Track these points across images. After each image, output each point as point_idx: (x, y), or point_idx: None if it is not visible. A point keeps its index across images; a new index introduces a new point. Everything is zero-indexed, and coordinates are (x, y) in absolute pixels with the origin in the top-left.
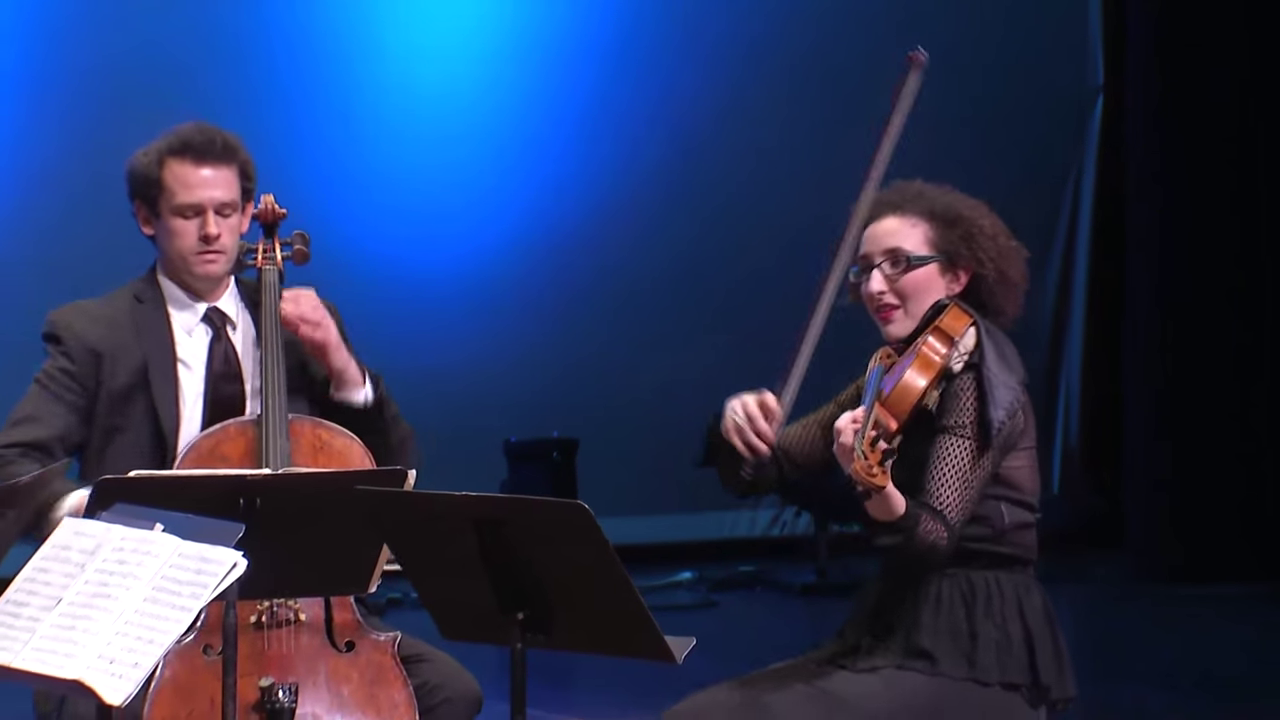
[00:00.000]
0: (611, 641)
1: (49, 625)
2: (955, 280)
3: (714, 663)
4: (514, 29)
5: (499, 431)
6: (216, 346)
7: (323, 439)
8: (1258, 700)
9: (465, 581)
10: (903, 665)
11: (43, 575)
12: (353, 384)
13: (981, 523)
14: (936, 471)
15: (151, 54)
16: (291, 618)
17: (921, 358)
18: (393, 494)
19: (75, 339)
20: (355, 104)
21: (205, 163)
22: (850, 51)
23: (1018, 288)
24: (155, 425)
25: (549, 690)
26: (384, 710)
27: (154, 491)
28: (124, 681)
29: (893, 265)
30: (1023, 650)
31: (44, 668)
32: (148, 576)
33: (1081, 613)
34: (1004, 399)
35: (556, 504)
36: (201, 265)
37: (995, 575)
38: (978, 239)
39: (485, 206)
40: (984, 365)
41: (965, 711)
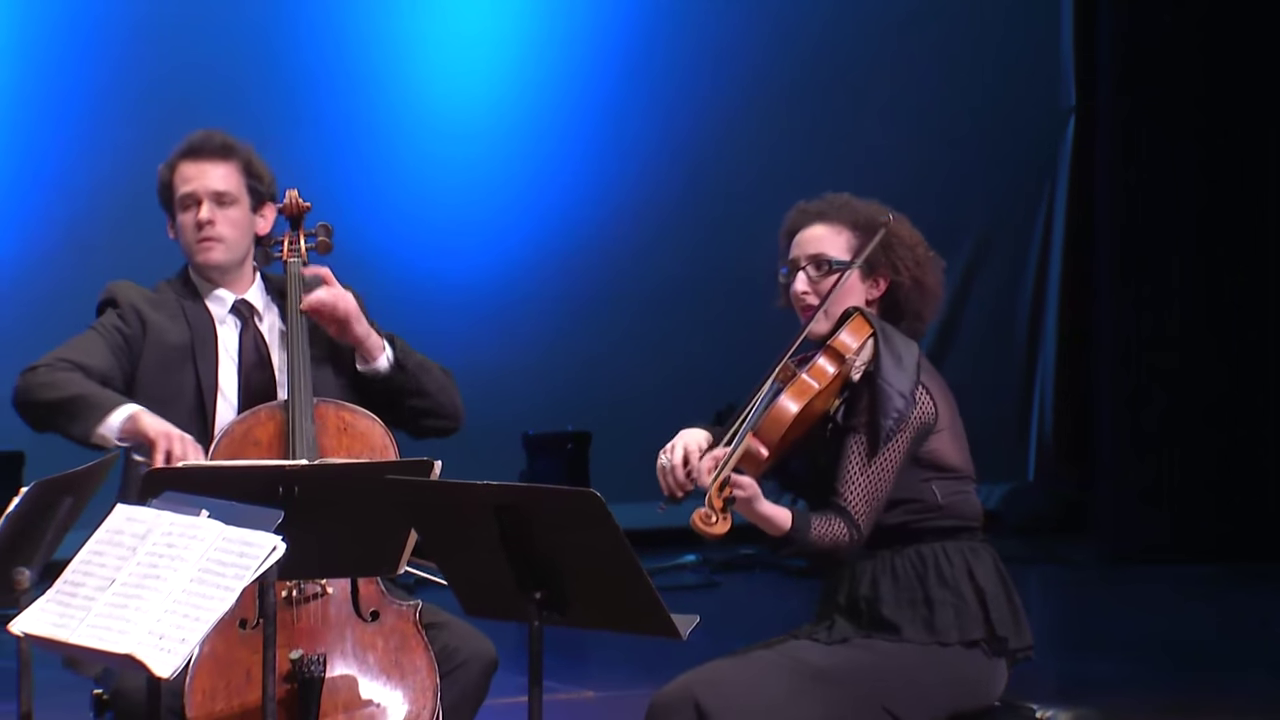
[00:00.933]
0: (622, 619)
1: (103, 604)
2: (875, 285)
3: (716, 639)
4: (531, 52)
5: (518, 425)
6: (245, 336)
7: (346, 421)
8: (1215, 670)
9: (487, 563)
10: (870, 635)
11: (97, 558)
12: (375, 350)
13: (918, 504)
14: (841, 471)
15: (196, 72)
16: (319, 591)
17: (799, 385)
18: (420, 483)
19: (128, 304)
20: (386, 127)
21: (201, 158)
22: (849, 63)
23: (934, 294)
24: (198, 400)
25: (564, 664)
26: (407, 675)
27: (200, 480)
28: (172, 656)
29: (816, 269)
30: (977, 609)
31: (99, 643)
32: (194, 559)
33: (1054, 591)
34: (892, 404)
35: (571, 492)
36: (201, 253)
37: (943, 545)
38: (896, 248)
39: (505, 219)
40: (879, 374)
41: (931, 671)
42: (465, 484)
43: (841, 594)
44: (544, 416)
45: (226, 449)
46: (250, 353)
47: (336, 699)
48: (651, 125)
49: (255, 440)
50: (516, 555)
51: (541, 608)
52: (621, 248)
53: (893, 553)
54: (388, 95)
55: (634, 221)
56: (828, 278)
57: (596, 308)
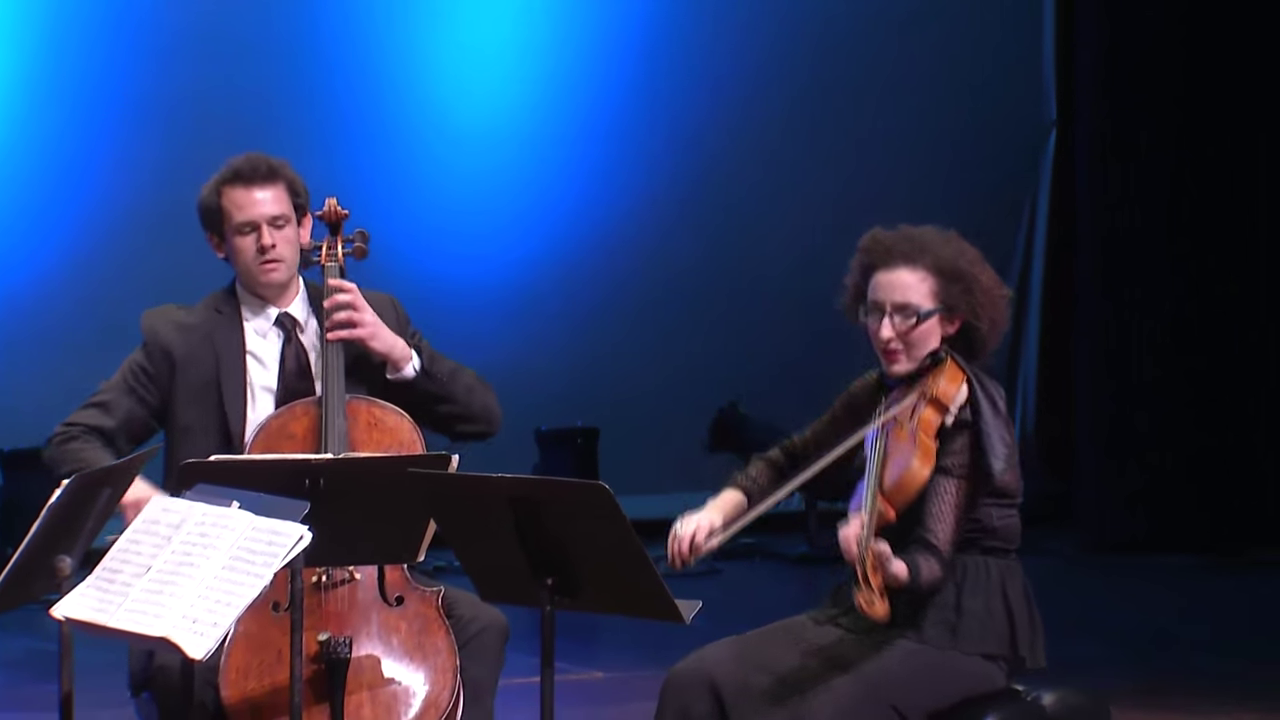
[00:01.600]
0: (629, 604)
1: (140, 590)
2: (950, 324)
3: (718, 624)
4: (542, 72)
5: (530, 421)
6: (288, 348)
7: (376, 416)
8: (1189, 654)
9: (501, 551)
10: (890, 629)
11: (135, 546)
12: (401, 360)
13: (975, 525)
14: (934, 508)
15: (229, 90)
16: (347, 577)
17: (922, 447)
18: (439, 475)
19: (155, 343)
20: (409, 143)
21: (254, 185)
22: (844, 79)
23: (1001, 330)
24: (223, 425)
25: (575, 646)
26: (429, 656)
27: (231, 473)
28: (205, 639)
29: (903, 317)
30: (1004, 625)
31: (136, 627)
32: (226, 547)
33: (1037, 581)
34: (1001, 450)
35: (580, 484)
36: (265, 274)
37: (985, 560)
38: (976, 294)
39: (519, 228)
40: (981, 420)
41: (945, 676)
42: (481, 476)
43: None
44: (555, 413)
45: (263, 442)
46: (291, 362)
47: (361, 679)
48: (655, 139)
49: (290, 434)
50: (529, 544)
51: (553, 593)
52: (627, 254)
53: None
54: (410, 112)
55: (639, 229)
56: (917, 326)
57: (604, 310)
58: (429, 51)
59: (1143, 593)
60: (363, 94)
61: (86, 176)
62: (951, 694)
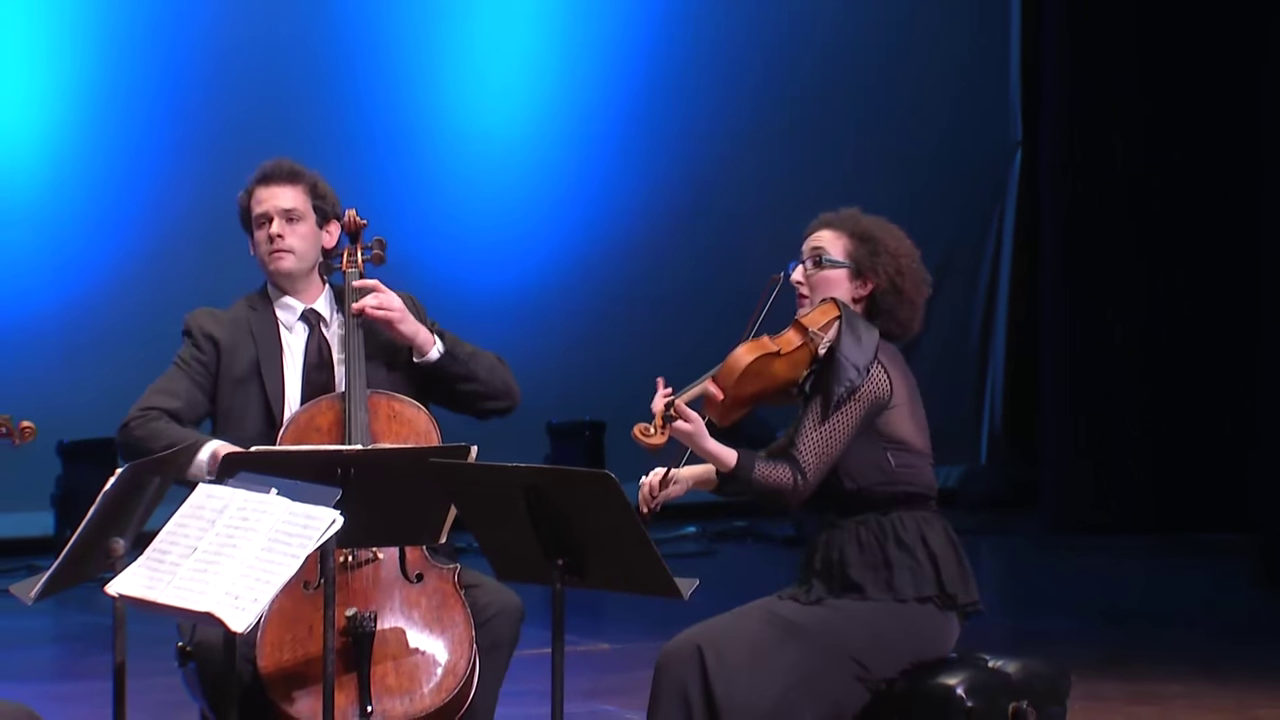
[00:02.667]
0: (632, 582)
1: (187, 569)
2: (862, 286)
3: (713, 600)
4: (554, 91)
5: (542, 415)
6: (311, 341)
7: (395, 410)
8: (1143, 625)
9: (516, 534)
10: (840, 596)
11: (182, 529)
12: (425, 345)
13: (875, 471)
14: (798, 427)
15: (265, 109)
16: (371, 557)
17: (756, 342)
18: (459, 465)
19: (202, 334)
20: (432, 161)
21: (272, 182)
22: (833, 102)
23: (910, 302)
24: (266, 408)
25: (583, 621)
26: (447, 629)
27: (270, 463)
28: (246, 614)
29: (813, 264)
30: (930, 570)
31: (183, 602)
32: (265, 530)
33: (1005, 560)
34: (845, 374)
35: (588, 473)
36: (273, 261)
37: (899, 515)
38: (881, 256)
39: (531, 237)
40: (838, 349)
41: (891, 625)
42: (497, 466)
43: (817, 560)
44: (565, 407)
45: (293, 434)
46: (313, 355)
47: (386, 650)
48: (660, 155)
49: (317, 427)
50: (541, 527)
51: (563, 573)
52: (631, 262)
53: (857, 523)
54: (433, 133)
55: (642, 241)
56: (821, 271)
57: (610, 314)
58: (450, 78)
59: (1101, 570)
60: (390, 116)
61: (136, 193)
62: (901, 639)
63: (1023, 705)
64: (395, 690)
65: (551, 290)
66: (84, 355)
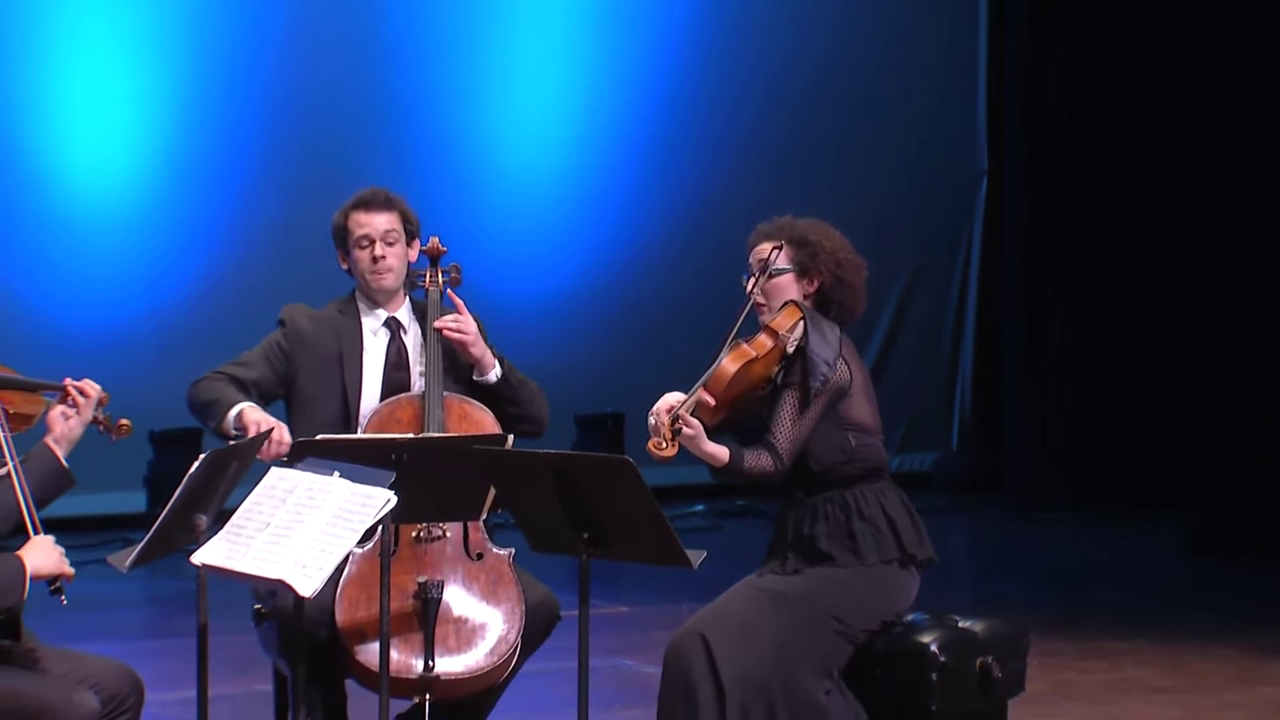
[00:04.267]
0: (648, 553)
1: (261, 541)
2: (810, 284)
3: (718, 569)
4: (582, 124)
5: (570, 408)
6: (391, 345)
7: (465, 411)
8: (1088, 589)
9: (547, 511)
10: (814, 565)
11: (257, 507)
12: (487, 368)
13: (838, 452)
14: (774, 416)
15: (339, 132)
16: (440, 534)
17: (738, 351)
18: (498, 451)
19: (293, 325)
20: (479, 186)
21: (372, 210)
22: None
23: (855, 289)
24: (344, 399)
25: (605, 587)
26: (501, 601)
27: (334, 450)
28: (312, 580)
29: (762, 274)
30: (890, 535)
31: (258, 570)
32: (329, 508)
33: (972, 534)
34: (819, 369)
35: (610, 459)
36: (376, 279)
37: (860, 489)
38: (820, 255)
39: (561, 255)
40: (808, 347)
41: (860, 586)
42: (530, 452)
43: (789, 535)
44: (590, 401)
45: (375, 424)
46: (393, 356)
47: (449, 616)
48: (673, 179)
49: (397, 419)
50: (569, 505)
51: (588, 545)
52: (646, 276)
53: (823, 500)
54: (480, 162)
55: (655, 257)
56: (771, 280)
57: (629, 319)
58: (495, 115)
59: (1056, 543)
60: (442, 146)
61: (220, 210)
62: (871, 596)
63: (988, 660)
64: (454, 650)
65: (579, 299)
66: (173, 355)
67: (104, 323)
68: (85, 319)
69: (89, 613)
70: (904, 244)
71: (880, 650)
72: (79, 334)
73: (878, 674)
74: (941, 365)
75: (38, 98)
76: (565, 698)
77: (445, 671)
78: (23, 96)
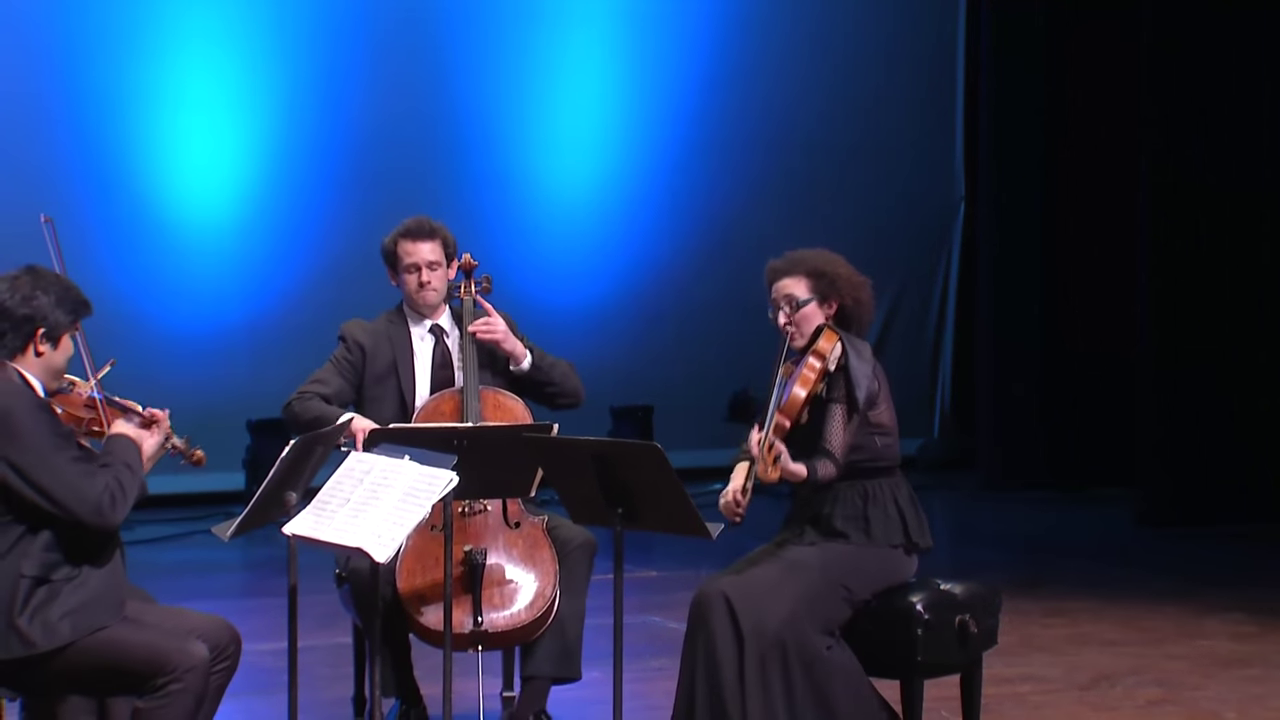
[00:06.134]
0: (674, 526)
1: (343, 515)
2: (829, 307)
3: (734, 540)
4: (615, 147)
5: (605, 401)
6: (436, 348)
7: (500, 401)
8: (1053, 557)
9: (586, 489)
10: (829, 540)
11: (339, 485)
12: (519, 358)
13: (865, 451)
14: (828, 427)
15: (401, 165)
16: (482, 508)
17: (802, 377)
18: (544, 439)
19: (353, 340)
20: (526, 211)
21: (419, 239)
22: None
23: (868, 306)
24: (400, 398)
25: (637, 554)
26: (538, 563)
27: (405, 436)
28: (386, 548)
29: (791, 307)
30: (898, 522)
31: (340, 540)
32: (400, 486)
33: (949, 509)
34: (862, 385)
35: (641, 444)
36: (422, 300)
37: (878, 481)
38: (837, 282)
39: (596, 267)
40: (849, 365)
41: (869, 562)
42: (572, 439)
43: (809, 512)
44: (622, 395)
45: (423, 415)
46: (438, 358)
47: (493, 577)
48: (695, 204)
49: (441, 411)
50: (605, 484)
51: (621, 518)
52: (672, 286)
53: (844, 486)
54: (524, 185)
55: (683, 266)
56: (798, 311)
57: (656, 325)
58: (538, 142)
59: (1022, 516)
60: (490, 173)
61: (307, 230)
62: (876, 571)
63: (966, 617)
64: (499, 606)
65: (613, 306)
66: (266, 356)
67: (207, 329)
68: (191, 325)
69: (196, 576)
70: (892, 260)
71: (873, 610)
72: (186, 337)
73: (871, 630)
74: (925, 364)
75: (157, 138)
76: (603, 649)
77: (493, 625)
78: (144, 138)
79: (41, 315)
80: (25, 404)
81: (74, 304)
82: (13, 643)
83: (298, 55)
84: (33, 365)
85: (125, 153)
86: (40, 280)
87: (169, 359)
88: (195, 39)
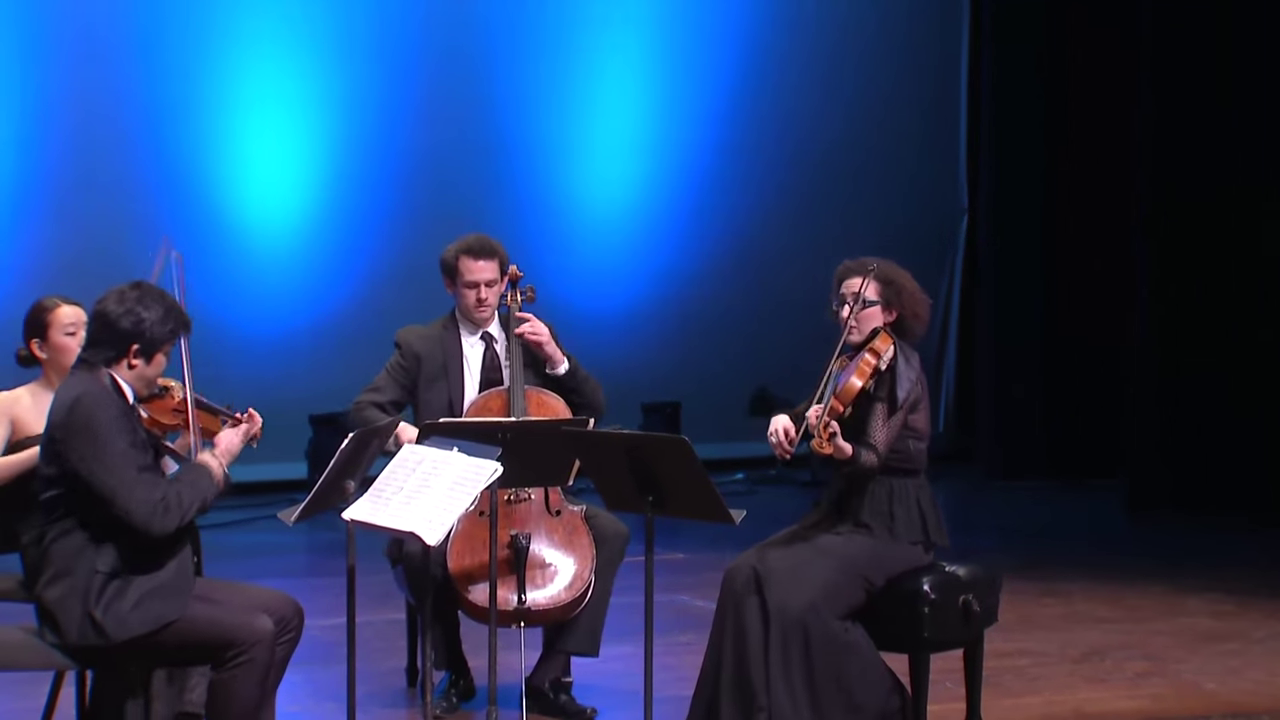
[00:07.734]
0: (700, 512)
1: (397, 502)
2: (890, 314)
3: (756, 526)
4: (645, 161)
5: (637, 398)
6: (486, 352)
7: (542, 399)
8: (1050, 541)
9: (619, 478)
10: (854, 531)
11: (394, 474)
12: (557, 363)
13: (902, 454)
14: (872, 421)
15: (464, 181)
16: (526, 497)
17: (859, 369)
18: (581, 432)
19: (408, 348)
20: (564, 224)
21: (480, 258)
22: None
23: (923, 320)
24: (449, 400)
25: (665, 537)
26: (576, 549)
27: (453, 430)
28: (437, 532)
29: (856, 303)
30: (919, 520)
31: (395, 524)
32: (449, 475)
33: (950, 498)
34: (904, 387)
35: (669, 438)
36: (478, 314)
37: (905, 480)
38: (903, 294)
39: (629, 274)
40: (896, 368)
41: (889, 554)
42: (606, 432)
43: (840, 502)
44: (652, 391)
45: (474, 411)
46: (488, 361)
47: (535, 561)
48: (721, 214)
49: (489, 408)
50: (637, 473)
51: (651, 505)
52: (698, 292)
53: (875, 483)
54: (564, 199)
55: (710, 273)
56: (863, 310)
57: (685, 325)
58: (580, 169)
59: (1019, 504)
60: (534, 189)
61: (367, 240)
62: (894, 562)
63: (969, 597)
64: (541, 587)
65: (644, 310)
66: (326, 356)
67: (273, 331)
68: (259, 327)
69: (263, 557)
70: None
71: (884, 590)
72: (254, 338)
73: (882, 609)
74: (929, 366)
75: (230, 152)
76: (634, 626)
77: (534, 604)
78: (219, 154)
79: (140, 332)
80: (111, 412)
81: (175, 323)
82: (89, 632)
83: (358, 78)
84: (126, 374)
85: (199, 165)
86: (146, 296)
87: (238, 358)
88: (263, 55)
